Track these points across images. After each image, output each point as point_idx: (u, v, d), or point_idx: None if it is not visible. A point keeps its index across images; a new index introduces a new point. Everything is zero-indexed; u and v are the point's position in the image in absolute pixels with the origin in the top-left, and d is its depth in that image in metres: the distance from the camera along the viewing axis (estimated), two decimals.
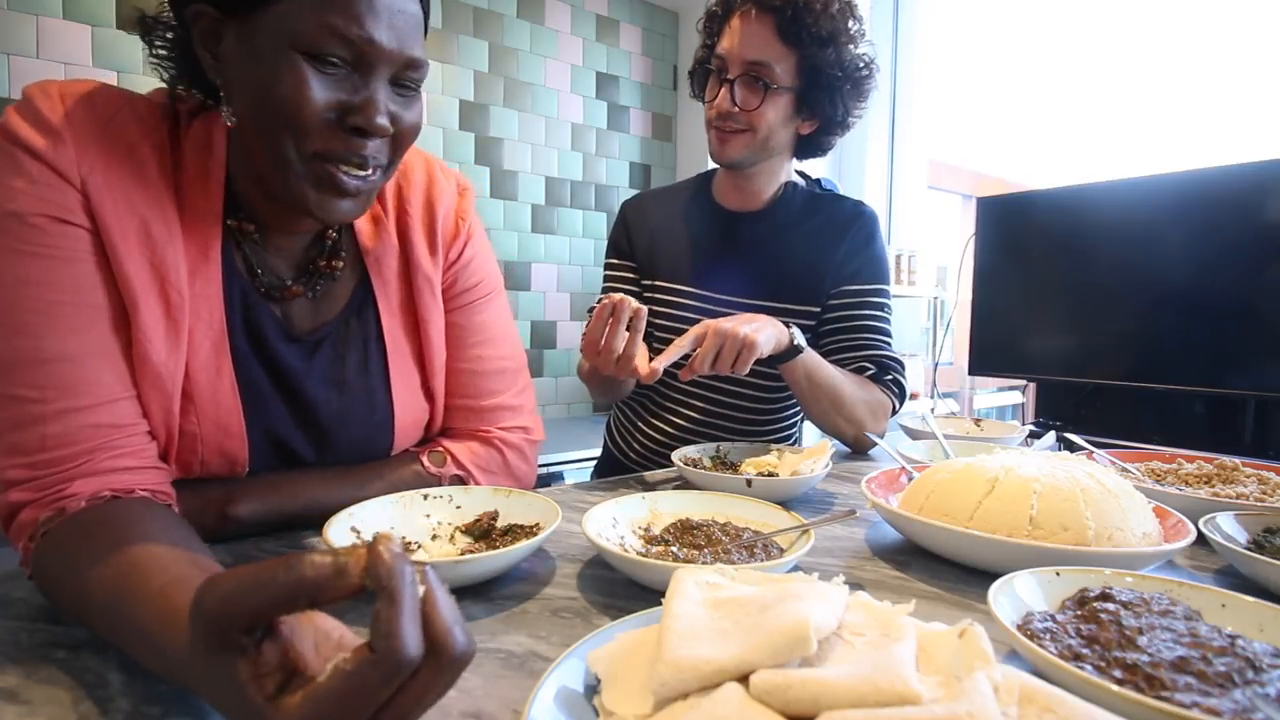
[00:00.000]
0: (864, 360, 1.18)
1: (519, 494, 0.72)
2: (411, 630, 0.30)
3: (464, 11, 2.36)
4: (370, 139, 0.61)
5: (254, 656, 0.31)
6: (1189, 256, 1.30)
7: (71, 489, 0.53)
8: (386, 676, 0.29)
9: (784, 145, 1.18)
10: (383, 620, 0.29)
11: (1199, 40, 3.76)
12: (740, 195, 1.25)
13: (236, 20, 0.57)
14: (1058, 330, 1.50)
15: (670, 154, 2.93)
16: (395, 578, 0.30)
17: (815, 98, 1.12)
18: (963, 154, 4.69)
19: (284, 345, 0.71)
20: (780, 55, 1.08)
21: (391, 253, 0.77)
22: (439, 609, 0.31)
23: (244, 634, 0.30)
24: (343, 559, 0.30)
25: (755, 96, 1.10)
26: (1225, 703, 0.35)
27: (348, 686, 0.29)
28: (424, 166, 0.81)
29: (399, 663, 0.29)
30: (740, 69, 1.09)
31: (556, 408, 2.68)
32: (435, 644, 0.30)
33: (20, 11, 1.70)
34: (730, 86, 1.10)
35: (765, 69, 1.08)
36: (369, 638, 0.29)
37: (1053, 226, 1.51)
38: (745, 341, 0.92)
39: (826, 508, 0.86)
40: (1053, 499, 0.63)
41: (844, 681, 0.31)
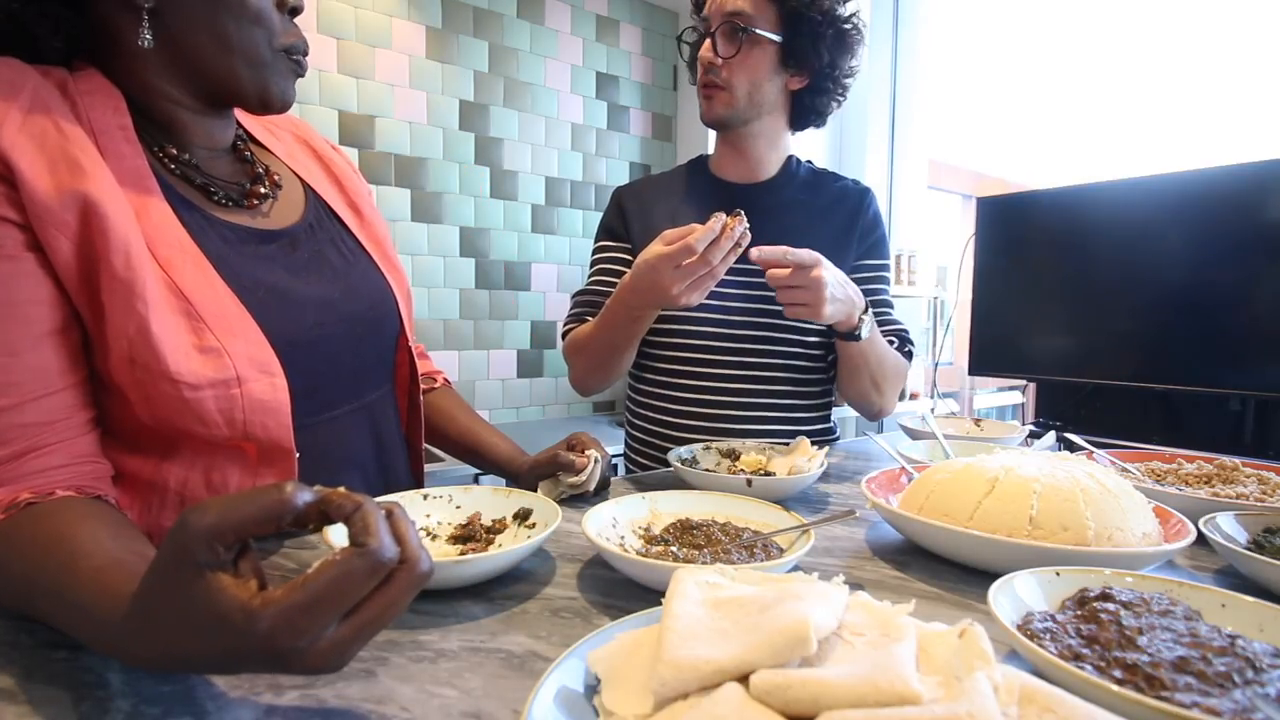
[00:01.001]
0: (888, 335, 1.24)
1: (519, 494, 0.72)
2: (388, 535, 0.35)
3: (464, 11, 2.36)
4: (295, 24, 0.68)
5: (231, 570, 0.34)
6: (1189, 256, 1.30)
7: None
8: (370, 570, 0.34)
9: (774, 103, 1.19)
10: (364, 524, 0.35)
11: (1199, 40, 3.76)
12: (739, 165, 1.26)
13: None
14: (1058, 330, 1.50)
15: (670, 154, 2.93)
16: (367, 500, 0.36)
17: (799, 48, 1.14)
18: (963, 154, 4.69)
19: (264, 247, 0.70)
20: (759, 6, 1.11)
21: (308, 160, 0.85)
22: (409, 528, 0.37)
23: (227, 549, 0.34)
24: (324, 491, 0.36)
25: (733, 44, 1.12)
26: (1225, 703, 0.35)
27: (334, 576, 0.33)
28: None
29: (381, 560, 0.34)
30: (719, 20, 1.12)
31: (557, 408, 2.68)
32: (408, 555, 0.36)
33: None
34: (712, 40, 1.13)
35: (743, 17, 1.11)
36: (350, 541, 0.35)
37: (1053, 226, 1.51)
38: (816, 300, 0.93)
39: (826, 508, 0.86)
40: (1053, 499, 0.63)
41: (844, 681, 0.31)
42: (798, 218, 1.23)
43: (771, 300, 1.16)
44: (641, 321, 1.06)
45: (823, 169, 1.33)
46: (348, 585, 0.34)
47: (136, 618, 0.37)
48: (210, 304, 0.61)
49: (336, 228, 0.81)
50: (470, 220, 2.42)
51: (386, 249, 0.86)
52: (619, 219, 1.29)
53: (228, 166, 0.73)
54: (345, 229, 0.82)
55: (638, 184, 1.35)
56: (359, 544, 0.34)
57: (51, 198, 0.55)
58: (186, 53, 0.64)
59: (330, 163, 0.88)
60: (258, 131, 0.81)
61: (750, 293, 1.17)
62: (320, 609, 0.33)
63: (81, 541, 0.46)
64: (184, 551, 0.33)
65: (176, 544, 0.34)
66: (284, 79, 0.68)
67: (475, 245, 2.44)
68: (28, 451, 0.54)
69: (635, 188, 1.33)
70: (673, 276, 0.88)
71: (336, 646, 0.35)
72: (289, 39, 0.67)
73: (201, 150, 0.70)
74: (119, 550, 0.46)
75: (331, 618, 0.34)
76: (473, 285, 2.45)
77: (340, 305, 0.74)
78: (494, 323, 2.50)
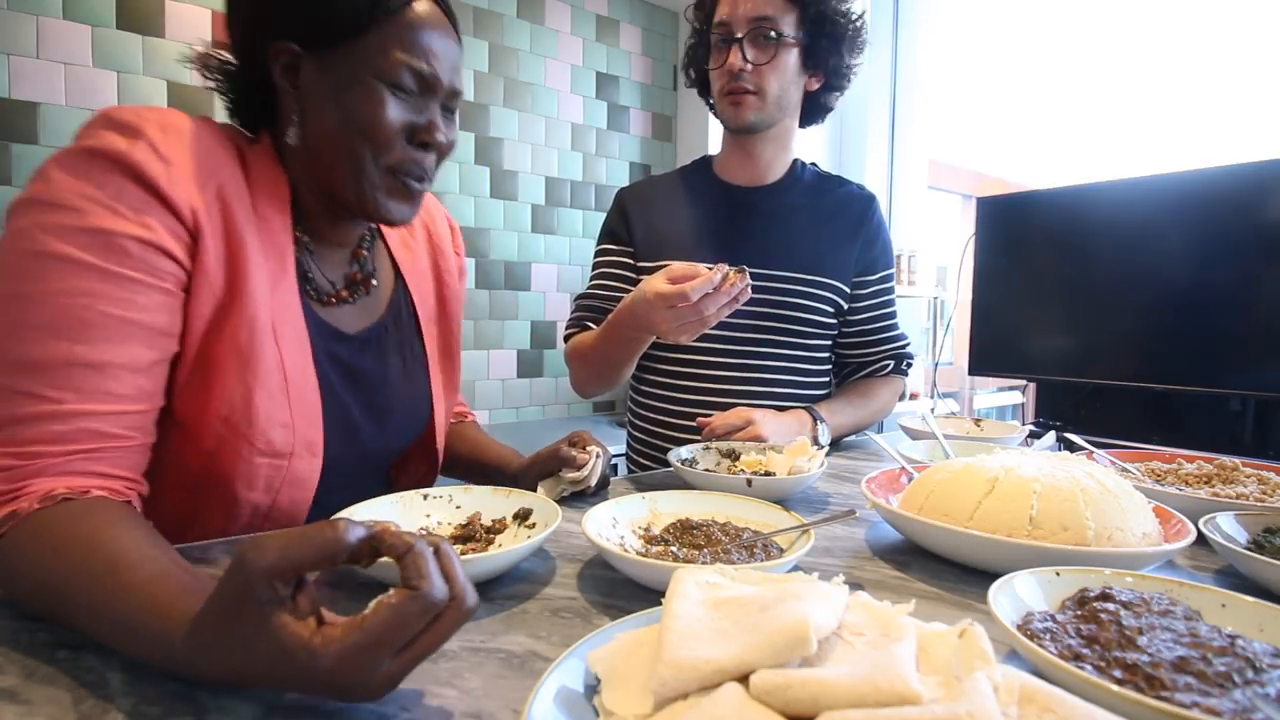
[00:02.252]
0: (885, 356, 1.28)
1: (519, 494, 0.72)
2: (439, 577, 0.37)
3: (464, 11, 2.36)
4: (430, 153, 0.72)
5: (291, 606, 0.36)
6: (1189, 256, 1.30)
7: (31, 486, 0.52)
8: (423, 610, 0.36)
9: (793, 105, 1.20)
10: (417, 567, 0.37)
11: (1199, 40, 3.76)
12: (747, 169, 1.25)
13: (318, 54, 0.67)
14: (1058, 330, 1.50)
15: (670, 154, 2.93)
16: (418, 541, 0.38)
17: (820, 49, 1.14)
18: (963, 154, 4.69)
19: (335, 344, 0.77)
20: (782, 8, 1.11)
21: (424, 258, 0.90)
22: (458, 565, 0.39)
23: (285, 585, 0.35)
24: (375, 528, 0.38)
25: (766, 51, 1.11)
26: (1225, 703, 0.35)
27: (390, 617, 0.35)
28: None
29: (434, 601, 0.36)
30: (747, 26, 1.11)
31: (557, 408, 2.68)
32: (456, 591, 0.38)
33: (20, 11, 1.70)
34: (739, 46, 1.11)
35: (772, 22, 1.10)
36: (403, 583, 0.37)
37: (1053, 226, 1.51)
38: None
39: (826, 507, 0.86)
40: (1053, 499, 0.63)
41: (844, 681, 0.31)
42: (800, 222, 1.23)
43: (773, 304, 1.17)
44: (639, 343, 1.07)
45: (828, 173, 1.33)
46: (403, 626, 0.36)
47: (198, 644, 0.38)
48: (299, 384, 0.70)
49: (410, 333, 0.87)
50: (470, 220, 2.42)
51: (453, 350, 0.94)
52: (621, 222, 1.28)
53: (339, 261, 0.80)
54: (418, 335, 0.88)
55: (640, 186, 1.34)
56: (412, 586, 0.36)
57: (215, 261, 0.63)
58: (316, 158, 0.70)
59: (440, 250, 0.93)
60: None
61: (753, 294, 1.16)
62: (378, 648, 0.35)
63: (123, 549, 0.47)
64: (246, 589, 0.35)
65: (237, 581, 0.35)
66: (390, 196, 0.71)
67: (475, 245, 2.44)
68: (84, 453, 0.56)
69: (638, 190, 1.32)
70: (665, 316, 0.90)
71: (390, 678, 0.37)
72: (396, 158, 0.69)
73: (325, 244, 0.78)
74: (164, 560, 0.46)
75: (387, 655, 0.36)
76: (473, 285, 2.45)
77: (383, 416, 0.81)
78: (494, 323, 2.50)
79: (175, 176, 0.60)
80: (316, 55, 0.67)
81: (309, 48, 0.67)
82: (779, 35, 1.10)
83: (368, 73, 0.66)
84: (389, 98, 0.67)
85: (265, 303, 0.66)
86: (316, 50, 0.67)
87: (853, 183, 1.32)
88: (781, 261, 1.20)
